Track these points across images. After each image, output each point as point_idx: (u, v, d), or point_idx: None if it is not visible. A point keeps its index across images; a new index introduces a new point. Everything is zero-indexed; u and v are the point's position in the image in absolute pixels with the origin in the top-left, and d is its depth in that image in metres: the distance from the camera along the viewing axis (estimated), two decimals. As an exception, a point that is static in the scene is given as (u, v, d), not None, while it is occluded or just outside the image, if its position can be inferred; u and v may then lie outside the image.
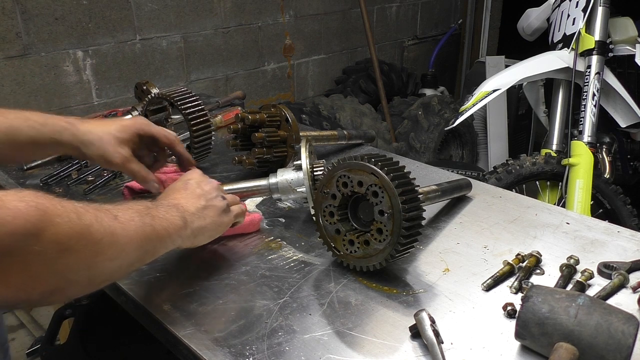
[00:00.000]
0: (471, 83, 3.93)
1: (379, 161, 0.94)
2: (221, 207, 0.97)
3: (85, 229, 0.65)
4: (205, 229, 0.93)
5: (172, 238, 0.84)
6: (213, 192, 0.97)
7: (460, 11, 4.93)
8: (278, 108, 1.34)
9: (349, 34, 4.00)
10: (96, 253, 0.67)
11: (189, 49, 3.06)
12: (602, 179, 2.34)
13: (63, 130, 0.99)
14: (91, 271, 0.68)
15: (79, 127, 1.01)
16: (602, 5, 2.44)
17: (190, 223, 0.89)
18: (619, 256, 1.06)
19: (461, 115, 2.37)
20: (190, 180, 0.97)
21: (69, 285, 0.66)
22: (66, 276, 0.64)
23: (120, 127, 1.04)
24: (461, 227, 1.18)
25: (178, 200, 0.92)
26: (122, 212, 0.75)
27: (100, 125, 1.04)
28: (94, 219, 0.67)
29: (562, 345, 0.75)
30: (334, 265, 1.04)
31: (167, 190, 0.97)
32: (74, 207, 0.65)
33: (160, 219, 0.82)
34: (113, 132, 1.03)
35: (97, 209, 0.70)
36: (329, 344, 0.84)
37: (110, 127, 1.04)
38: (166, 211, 0.85)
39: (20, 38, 2.41)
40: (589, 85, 2.35)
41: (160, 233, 0.81)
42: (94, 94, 2.72)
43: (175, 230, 0.84)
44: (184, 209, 0.90)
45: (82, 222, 0.65)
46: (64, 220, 0.62)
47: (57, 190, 1.34)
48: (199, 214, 0.92)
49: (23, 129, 0.96)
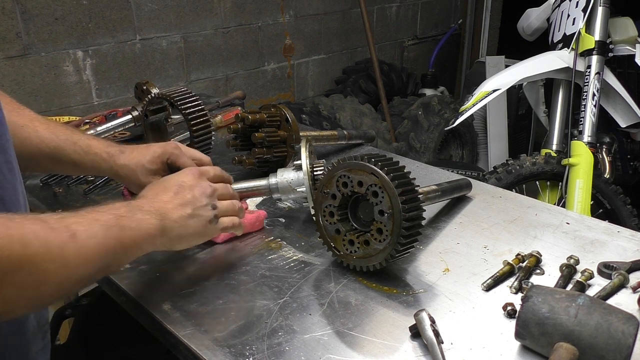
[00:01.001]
0: (471, 83, 3.93)
1: (379, 161, 0.94)
2: (207, 217, 0.92)
3: (28, 260, 0.63)
4: (185, 238, 0.90)
5: (142, 247, 0.83)
6: (203, 200, 0.92)
7: (460, 11, 4.93)
8: (278, 108, 1.34)
9: (349, 34, 4.00)
10: (40, 283, 0.65)
11: (189, 49, 3.06)
12: (602, 179, 2.34)
13: (102, 162, 1.08)
14: (36, 299, 0.67)
15: (117, 160, 1.09)
16: (602, 5, 2.44)
17: (169, 231, 0.86)
18: (619, 256, 1.06)
19: (461, 115, 2.37)
20: (183, 183, 0.92)
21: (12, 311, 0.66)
22: (7, 304, 0.63)
23: (151, 158, 1.09)
24: (461, 227, 1.18)
25: (163, 204, 0.87)
26: (85, 225, 0.72)
27: (135, 157, 1.09)
28: (42, 247, 0.64)
29: (562, 345, 0.75)
30: (334, 265, 1.04)
31: (157, 185, 0.93)
32: (24, 233, 0.63)
33: (131, 229, 0.79)
34: (145, 164, 1.09)
35: (53, 229, 0.68)
36: (329, 344, 0.84)
37: (143, 159, 1.09)
38: (142, 219, 0.82)
39: (20, 38, 2.41)
40: (589, 85, 2.35)
41: (127, 244, 0.78)
42: (94, 94, 2.72)
43: (147, 239, 0.82)
44: (166, 215, 0.86)
45: (26, 252, 0.62)
46: (4, 254, 0.60)
47: (57, 190, 1.34)
48: (181, 222, 0.88)
49: (69, 152, 1.05)
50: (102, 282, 1.03)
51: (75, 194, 1.33)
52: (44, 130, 1.03)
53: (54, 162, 1.06)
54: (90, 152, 1.07)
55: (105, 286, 1.03)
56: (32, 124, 1.02)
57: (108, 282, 1.00)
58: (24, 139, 1.00)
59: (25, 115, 1.03)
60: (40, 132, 1.03)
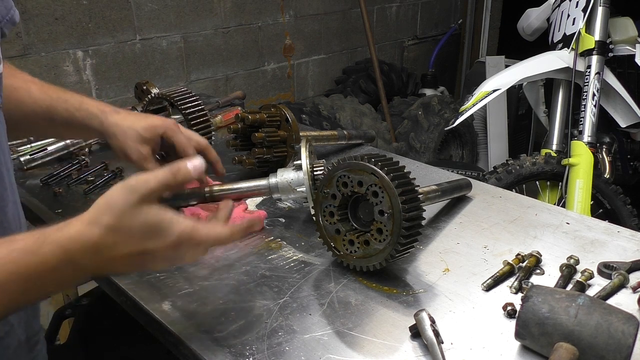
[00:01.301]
0: (471, 83, 3.93)
1: (379, 161, 0.94)
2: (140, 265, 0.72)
3: None
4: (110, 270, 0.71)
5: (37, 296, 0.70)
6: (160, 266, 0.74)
7: (460, 11, 4.93)
8: (278, 108, 1.34)
9: (349, 34, 4.00)
10: None
11: (189, 49, 3.06)
12: (602, 179, 2.34)
13: (93, 117, 1.02)
14: None
15: (109, 117, 1.03)
16: (602, 5, 2.44)
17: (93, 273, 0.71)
18: (619, 256, 1.06)
19: (461, 115, 2.38)
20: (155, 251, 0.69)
21: None
22: None
23: (147, 125, 1.03)
24: (461, 227, 1.18)
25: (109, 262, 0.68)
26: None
27: (129, 120, 1.04)
28: None
29: (562, 345, 0.75)
30: (334, 265, 1.04)
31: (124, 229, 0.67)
32: None
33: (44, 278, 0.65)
34: (138, 129, 1.03)
35: None
36: (329, 344, 0.84)
37: (138, 124, 1.03)
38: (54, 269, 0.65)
39: (20, 38, 2.41)
40: (589, 85, 2.35)
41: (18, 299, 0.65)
42: (94, 94, 2.72)
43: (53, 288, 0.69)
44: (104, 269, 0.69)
45: None
46: None
47: (57, 190, 1.34)
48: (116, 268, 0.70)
49: (60, 110, 1.01)
50: (102, 282, 1.03)
51: (75, 194, 1.33)
52: (36, 90, 1.02)
53: (48, 122, 1.03)
54: (81, 108, 1.03)
55: (105, 286, 1.03)
56: (25, 85, 1.01)
57: (108, 282, 1.00)
58: (19, 101, 0.99)
59: (20, 77, 1.02)
60: (33, 93, 1.01)
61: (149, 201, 0.68)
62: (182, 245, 0.70)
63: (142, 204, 0.67)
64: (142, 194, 0.67)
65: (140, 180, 0.68)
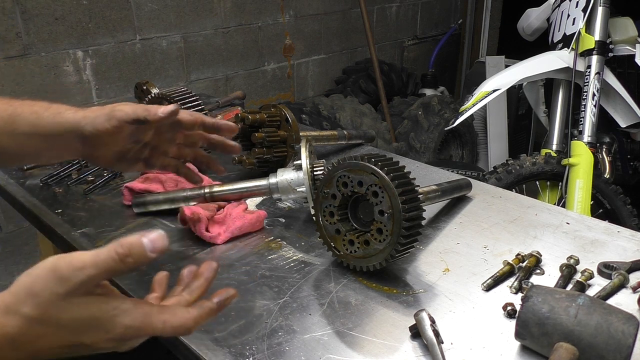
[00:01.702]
0: (471, 83, 3.93)
1: (379, 161, 0.94)
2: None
3: None
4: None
5: None
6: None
7: (460, 11, 4.93)
8: (278, 108, 1.34)
9: (349, 34, 4.00)
10: None
11: (189, 49, 3.06)
12: (602, 179, 2.34)
13: (64, 111, 0.91)
14: None
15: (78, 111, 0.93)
16: (602, 5, 2.44)
17: None
18: (619, 256, 1.06)
19: (461, 115, 2.38)
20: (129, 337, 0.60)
21: None
22: None
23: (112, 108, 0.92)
24: (461, 227, 1.18)
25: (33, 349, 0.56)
26: None
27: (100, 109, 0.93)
28: None
29: (562, 345, 0.75)
30: (334, 265, 1.04)
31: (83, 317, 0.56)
32: None
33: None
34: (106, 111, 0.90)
35: None
36: (329, 344, 0.84)
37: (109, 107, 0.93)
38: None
39: (20, 38, 2.41)
40: (589, 85, 2.35)
41: None
42: (94, 94, 2.72)
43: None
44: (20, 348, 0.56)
45: None
46: None
47: (57, 190, 1.34)
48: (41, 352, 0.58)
49: (26, 115, 0.89)
50: (102, 282, 1.03)
51: (75, 194, 1.33)
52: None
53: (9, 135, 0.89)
54: (49, 108, 0.91)
55: (105, 286, 1.03)
56: None
57: (108, 282, 1.00)
58: None
59: None
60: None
61: (82, 293, 0.56)
62: (130, 338, 0.60)
63: (73, 297, 0.55)
64: (73, 285, 0.54)
65: (73, 266, 0.54)
